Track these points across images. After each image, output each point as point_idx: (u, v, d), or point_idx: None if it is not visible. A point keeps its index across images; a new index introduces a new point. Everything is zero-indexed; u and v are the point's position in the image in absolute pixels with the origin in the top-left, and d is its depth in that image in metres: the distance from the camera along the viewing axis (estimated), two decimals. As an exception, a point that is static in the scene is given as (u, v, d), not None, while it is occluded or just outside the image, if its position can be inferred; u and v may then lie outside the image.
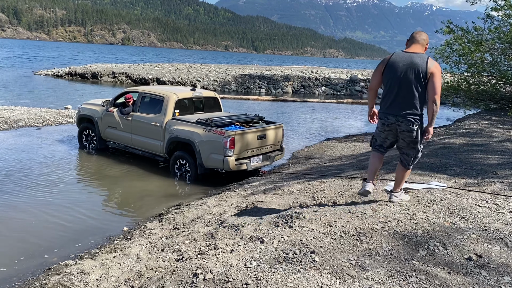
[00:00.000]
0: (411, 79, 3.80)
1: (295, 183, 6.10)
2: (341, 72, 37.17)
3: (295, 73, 32.49)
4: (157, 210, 6.29)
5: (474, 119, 11.73)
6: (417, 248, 3.17)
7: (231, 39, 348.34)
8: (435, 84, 3.75)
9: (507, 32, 12.61)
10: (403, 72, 3.83)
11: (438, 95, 3.77)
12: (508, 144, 7.68)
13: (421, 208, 3.99)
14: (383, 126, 4.04)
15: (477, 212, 3.92)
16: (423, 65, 3.76)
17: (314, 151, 10.73)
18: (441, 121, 16.47)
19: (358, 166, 7.50)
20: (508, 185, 4.84)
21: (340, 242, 3.28)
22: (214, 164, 7.43)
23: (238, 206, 5.20)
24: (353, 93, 29.35)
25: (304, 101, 23.56)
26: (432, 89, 3.76)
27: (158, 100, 8.22)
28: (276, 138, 8.27)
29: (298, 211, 4.25)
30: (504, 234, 3.41)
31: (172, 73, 28.74)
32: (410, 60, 3.83)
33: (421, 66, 3.76)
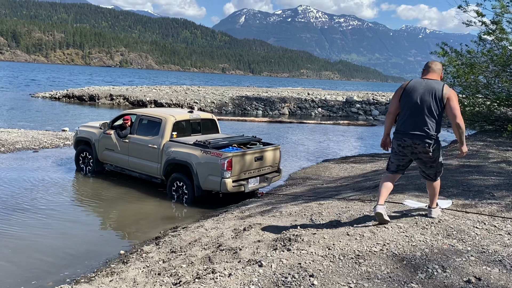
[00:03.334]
0: (429, 102, 3.97)
1: (293, 205, 6.08)
2: (337, 94, 37.50)
3: (291, 95, 32.75)
4: (153, 233, 6.24)
5: (470, 141, 11.80)
6: (416, 271, 3.15)
7: (228, 62, 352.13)
8: (453, 108, 3.91)
9: (499, 55, 12.82)
10: (421, 96, 4.00)
11: (459, 117, 3.91)
12: (504, 165, 7.72)
13: (419, 230, 3.99)
14: (399, 147, 4.16)
15: (475, 234, 3.91)
16: (439, 90, 3.95)
17: (312, 172, 10.73)
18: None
19: (355, 187, 7.51)
20: (505, 207, 4.85)
21: (339, 265, 3.26)
22: (212, 186, 7.42)
23: (236, 228, 5.17)
24: (349, 114, 29.55)
25: (300, 123, 23.69)
26: (452, 113, 3.93)
27: (156, 122, 8.25)
28: (274, 159, 8.28)
29: (296, 233, 4.23)
30: (503, 256, 3.41)
31: (169, 95, 28.92)
32: (427, 85, 4.03)
33: (438, 91, 3.95)
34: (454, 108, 3.89)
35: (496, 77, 13.75)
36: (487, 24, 13.19)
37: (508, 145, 10.29)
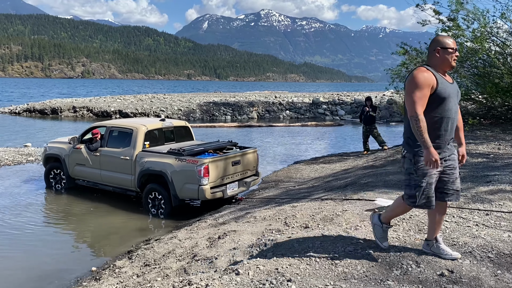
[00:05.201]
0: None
1: (267, 209, 6.07)
2: (303, 95, 37.92)
3: (259, 99, 32.87)
4: (126, 247, 6.09)
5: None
6: (391, 268, 3.20)
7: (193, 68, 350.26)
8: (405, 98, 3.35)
9: (456, 51, 13.27)
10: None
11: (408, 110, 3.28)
12: (469, 158, 7.98)
13: (391, 227, 4.04)
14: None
15: (445, 227, 4.01)
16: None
17: (283, 175, 10.77)
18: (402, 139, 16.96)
19: (326, 187, 7.59)
20: (471, 198, 5.01)
21: (315, 268, 3.27)
22: (189, 194, 7.30)
23: (210, 237, 5.11)
24: (317, 115, 29.92)
25: (270, 126, 23.79)
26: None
27: (127, 133, 8.07)
28: (251, 163, 8.26)
29: (271, 238, 4.22)
30: (473, 247, 3.50)
31: (134, 105, 28.44)
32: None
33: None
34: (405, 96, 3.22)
35: (455, 73, 14.23)
36: (444, 21, 13.65)
37: (470, 138, 10.65)
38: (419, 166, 3.14)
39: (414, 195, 3.18)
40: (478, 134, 11.16)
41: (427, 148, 3.00)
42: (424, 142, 3.00)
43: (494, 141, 9.72)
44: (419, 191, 3.15)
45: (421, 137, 3.01)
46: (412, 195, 3.20)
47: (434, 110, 3.13)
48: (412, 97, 3.07)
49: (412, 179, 3.19)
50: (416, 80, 3.09)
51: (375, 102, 29.67)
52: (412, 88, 3.09)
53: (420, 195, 3.16)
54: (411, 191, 3.21)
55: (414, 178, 3.18)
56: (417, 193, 3.15)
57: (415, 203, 3.21)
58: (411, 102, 3.07)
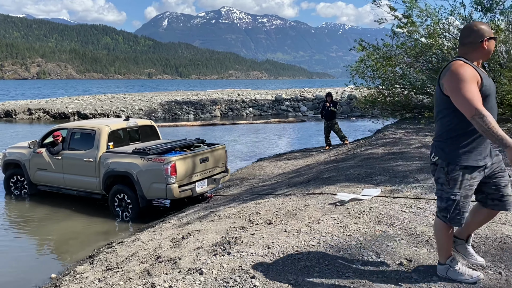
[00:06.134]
0: (435, 96, 2.97)
1: (231, 207, 6.06)
2: (266, 93, 38.08)
3: (222, 97, 32.73)
4: (87, 251, 5.91)
5: (393, 129, 12.53)
6: (352, 260, 3.26)
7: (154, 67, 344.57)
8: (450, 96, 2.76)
9: (412, 47, 13.72)
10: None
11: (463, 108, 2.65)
12: (425, 150, 8.27)
13: (352, 219, 4.14)
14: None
15: (404, 217, 4.14)
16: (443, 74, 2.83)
17: (247, 172, 10.79)
18: (363, 133, 17.39)
19: (290, 183, 7.66)
20: (428, 189, 5.19)
21: (278, 263, 3.29)
22: (157, 194, 7.17)
23: (174, 238, 5.04)
24: (279, 112, 30.16)
25: (233, 124, 23.75)
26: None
27: (89, 134, 7.82)
28: (220, 159, 8.21)
29: (235, 236, 4.22)
30: (429, 236, 3.63)
31: (93, 105, 27.66)
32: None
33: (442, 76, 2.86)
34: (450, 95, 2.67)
35: (410, 68, 14.70)
36: (399, 18, 14.06)
37: (426, 130, 11.05)
38: (454, 176, 2.70)
39: (445, 209, 2.79)
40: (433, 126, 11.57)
41: (509, 146, 2.44)
42: (503, 139, 2.46)
43: (448, 133, 10.11)
44: (451, 205, 2.75)
45: (496, 135, 2.47)
46: (443, 208, 2.80)
47: None
48: (463, 94, 2.55)
49: (444, 190, 2.77)
50: (462, 75, 2.60)
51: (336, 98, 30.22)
52: (459, 84, 2.59)
53: (452, 209, 2.76)
54: (442, 203, 2.82)
55: (446, 190, 2.76)
56: (449, 207, 2.76)
57: (446, 217, 2.80)
58: (465, 100, 2.55)
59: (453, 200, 2.74)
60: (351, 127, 20.85)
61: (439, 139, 2.82)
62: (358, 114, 26.84)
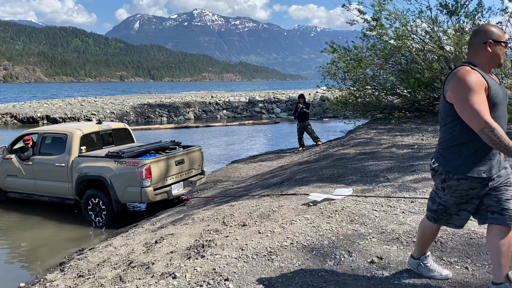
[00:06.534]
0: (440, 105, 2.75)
1: (205, 210, 6.03)
2: (240, 95, 38.10)
3: (195, 99, 32.55)
4: (57, 259, 5.77)
5: (364, 129, 12.73)
6: (325, 259, 3.30)
7: (126, 69, 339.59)
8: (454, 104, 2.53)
9: (381, 49, 14.02)
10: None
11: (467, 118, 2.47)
12: (395, 149, 8.45)
13: (325, 219, 4.19)
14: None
15: (375, 216, 4.21)
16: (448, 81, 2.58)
17: (222, 174, 10.77)
18: (336, 133, 17.63)
19: (264, 185, 7.68)
20: (398, 187, 5.30)
21: (252, 265, 3.30)
22: (132, 198, 7.06)
23: (147, 242, 4.98)
24: (253, 114, 30.23)
25: (207, 126, 23.66)
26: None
27: (61, 138, 7.63)
28: (196, 161, 8.16)
29: (209, 239, 4.20)
30: (399, 234, 3.71)
31: (63, 109, 27.03)
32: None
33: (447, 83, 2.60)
34: (455, 104, 2.49)
35: (380, 69, 15.02)
36: (369, 21, 14.34)
37: (397, 130, 11.29)
38: (449, 184, 2.60)
39: (435, 211, 2.74)
40: (404, 126, 11.85)
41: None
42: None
43: (418, 132, 10.37)
44: (441, 209, 2.71)
45: (508, 147, 2.33)
46: (434, 210, 2.76)
47: None
48: (471, 105, 2.37)
49: (438, 195, 2.72)
50: (469, 83, 2.40)
51: (309, 99, 30.52)
52: (465, 93, 2.40)
53: (442, 213, 2.72)
54: (433, 205, 2.76)
55: (440, 196, 2.70)
56: (439, 211, 2.72)
57: (435, 220, 2.77)
58: (473, 112, 2.37)
59: (444, 206, 2.68)
60: (324, 128, 21.09)
61: (441, 146, 2.68)
62: (330, 115, 27.18)
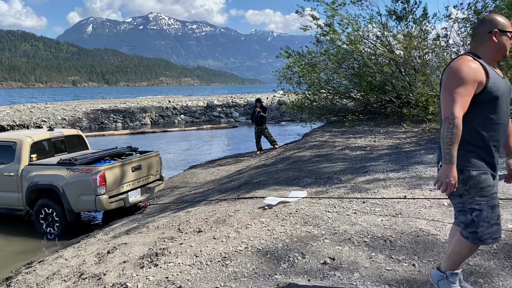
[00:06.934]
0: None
1: (160, 217, 5.93)
2: (198, 99, 37.83)
3: (152, 104, 32.00)
4: (4, 273, 5.48)
5: (319, 132, 12.97)
6: (279, 262, 3.33)
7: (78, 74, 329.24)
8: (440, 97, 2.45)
9: (334, 53, 14.37)
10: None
11: (444, 110, 2.37)
12: (348, 151, 8.66)
13: (279, 222, 4.22)
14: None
15: (328, 217, 4.29)
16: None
17: (179, 180, 10.63)
18: (292, 137, 17.86)
19: (221, 189, 7.65)
20: (351, 188, 5.44)
21: (206, 271, 3.27)
22: (86, 206, 6.81)
23: (99, 253, 4.83)
24: (212, 118, 30.11)
25: (164, 131, 23.31)
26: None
27: (10, 146, 7.25)
28: (154, 167, 8.00)
29: (163, 247, 4.13)
30: (351, 234, 3.80)
31: (11, 116, 25.79)
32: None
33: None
34: (442, 89, 2.42)
35: (334, 74, 15.38)
36: (322, 26, 14.67)
37: (350, 133, 11.57)
38: (473, 183, 2.34)
39: (472, 222, 2.36)
40: (357, 129, 12.17)
41: (448, 164, 2.27)
42: (448, 154, 2.27)
43: (370, 134, 10.68)
44: (478, 215, 2.34)
45: (448, 146, 2.27)
46: (470, 222, 2.37)
47: (483, 114, 2.37)
48: (451, 94, 2.32)
49: (466, 202, 2.37)
50: (460, 73, 2.31)
51: (266, 103, 30.78)
52: (452, 82, 2.33)
53: (481, 221, 2.34)
54: (467, 216, 2.38)
55: (468, 200, 2.37)
56: (475, 218, 2.35)
57: (476, 234, 2.37)
58: (449, 100, 2.32)
59: (479, 210, 2.34)
60: (281, 131, 21.31)
61: None
62: (287, 118, 27.52)
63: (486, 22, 2.40)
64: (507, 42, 2.38)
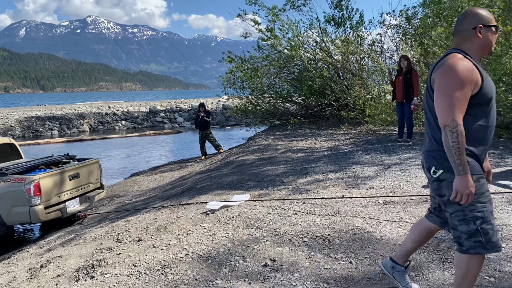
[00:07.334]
0: (426, 95, 2.36)
1: (99, 228, 5.70)
2: (140, 104, 36.90)
3: (90, 110, 30.80)
4: None
5: (263, 136, 13.10)
6: (220, 267, 3.30)
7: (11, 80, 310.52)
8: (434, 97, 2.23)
9: (276, 58, 14.61)
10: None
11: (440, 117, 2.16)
12: (290, 154, 8.81)
13: (221, 226, 4.20)
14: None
15: (269, 219, 4.33)
16: (431, 69, 2.29)
17: (119, 189, 10.30)
18: (237, 141, 17.90)
19: (163, 196, 7.50)
20: (292, 190, 5.52)
21: (145, 281, 3.18)
22: (19, 218, 6.38)
23: (32, 268, 4.55)
24: (155, 124, 29.51)
25: (104, 138, 22.52)
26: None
27: None
28: (94, 175, 7.68)
29: (100, 258, 3.97)
30: (292, 235, 3.85)
31: None
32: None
33: (430, 72, 2.30)
34: (435, 91, 2.20)
35: (276, 78, 15.62)
36: (263, 31, 14.87)
37: (292, 136, 11.78)
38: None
39: (476, 231, 2.17)
40: (299, 132, 12.43)
41: (463, 175, 2.08)
42: (460, 165, 2.07)
43: (311, 137, 10.94)
44: (481, 223, 2.17)
45: (458, 157, 2.07)
46: (474, 232, 2.18)
47: (476, 117, 2.18)
48: (449, 97, 2.10)
49: (467, 209, 2.19)
50: (457, 74, 2.10)
51: (211, 108, 30.67)
52: (449, 84, 2.11)
53: (486, 230, 2.17)
54: (470, 226, 2.19)
55: (468, 208, 2.18)
56: (479, 228, 2.17)
57: (481, 243, 2.17)
58: (447, 104, 2.11)
59: (482, 217, 2.17)
60: (227, 136, 21.30)
61: (438, 148, 2.24)
62: (233, 123, 27.57)
63: (470, 17, 2.23)
64: (492, 38, 2.23)
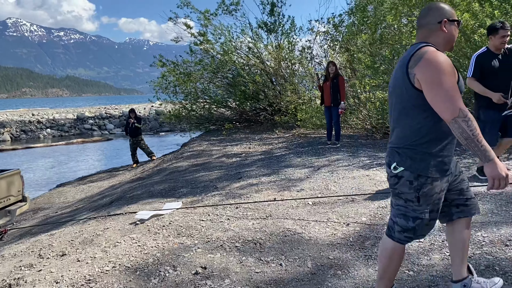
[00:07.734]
0: (397, 89, 2.24)
1: (19, 244, 5.29)
2: (67, 111, 35.09)
3: (12, 118, 28.75)
4: None
5: (197, 142, 12.97)
6: (149, 278, 3.19)
7: None
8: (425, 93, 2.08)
9: (209, 63, 14.56)
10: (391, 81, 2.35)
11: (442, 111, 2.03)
12: (225, 159, 8.79)
13: (151, 236, 4.07)
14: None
15: (201, 226, 4.27)
16: (406, 61, 2.16)
17: (43, 201, 9.69)
18: (171, 147, 17.58)
19: (91, 207, 7.17)
20: (225, 195, 5.50)
21: (67, 298, 2.99)
22: None
23: None
24: (83, 131, 28.18)
25: (27, 148, 21.09)
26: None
27: None
28: (14, 187, 7.12)
29: (18, 276, 3.68)
30: (223, 241, 3.82)
31: None
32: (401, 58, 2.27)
33: (405, 64, 2.16)
34: (427, 89, 2.05)
35: (210, 83, 15.56)
36: (196, 35, 14.75)
37: (227, 141, 11.78)
38: (425, 192, 2.16)
39: (413, 229, 2.25)
40: (234, 137, 12.46)
41: (491, 160, 1.97)
42: (486, 152, 1.96)
43: (246, 141, 11.01)
44: (420, 224, 2.23)
45: (480, 144, 1.96)
46: (410, 228, 2.25)
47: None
48: (445, 89, 2.00)
49: (411, 208, 2.22)
50: (443, 64, 2.03)
51: (144, 114, 29.89)
52: (439, 75, 2.01)
53: (421, 227, 2.24)
54: (408, 223, 2.25)
55: (414, 208, 2.21)
56: (418, 227, 2.24)
57: (411, 238, 2.29)
58: (446, 97, 2.00)
59: (422, 219, 2.22)
60: (161, 142, 20.83)
61: (404, 145, 2.20)
62: (167, 129, 27.04)
63: (434, 11, 2.21)
64: (455, 32, 2.22)
